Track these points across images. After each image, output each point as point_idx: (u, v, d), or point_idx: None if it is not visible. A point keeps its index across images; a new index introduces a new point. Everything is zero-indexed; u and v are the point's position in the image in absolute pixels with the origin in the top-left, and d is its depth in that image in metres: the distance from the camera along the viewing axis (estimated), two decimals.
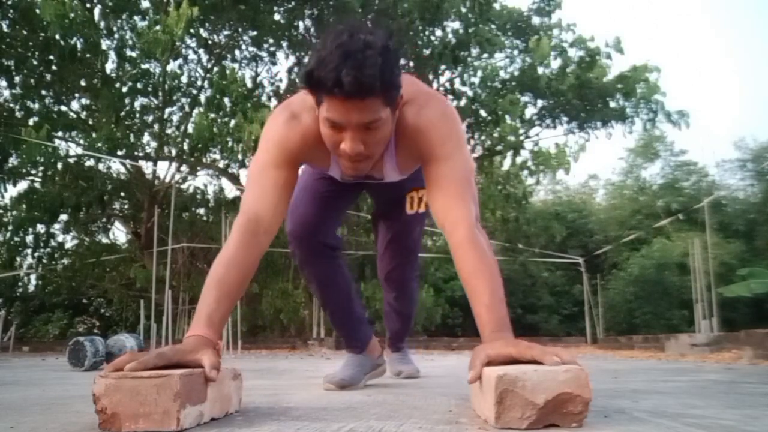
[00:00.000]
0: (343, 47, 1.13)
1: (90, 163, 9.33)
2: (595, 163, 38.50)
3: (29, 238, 10.10)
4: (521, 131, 10.60)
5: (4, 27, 8.61)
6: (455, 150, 1.35)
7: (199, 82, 9.98)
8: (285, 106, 1.42)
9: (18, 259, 10.30)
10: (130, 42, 9.08)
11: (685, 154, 16.11)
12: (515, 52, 11.27)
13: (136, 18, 9.00)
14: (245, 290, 1.30)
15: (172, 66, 9.39)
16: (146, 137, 10.17)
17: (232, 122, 8.00)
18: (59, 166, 8.73)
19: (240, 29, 9.94)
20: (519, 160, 10.12)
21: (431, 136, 1.34)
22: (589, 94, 10.50)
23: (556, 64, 10.72)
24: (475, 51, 10.45)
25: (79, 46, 8.29)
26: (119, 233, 12.03)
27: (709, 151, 31.82)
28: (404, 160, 1.46)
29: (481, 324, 1.13)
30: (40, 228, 10.08)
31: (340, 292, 1.91)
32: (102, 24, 8.74)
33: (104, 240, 11.57)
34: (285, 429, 0.93)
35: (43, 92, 9.55)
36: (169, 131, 10.02)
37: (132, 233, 10.94)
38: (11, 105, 9.43)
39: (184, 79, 9.92)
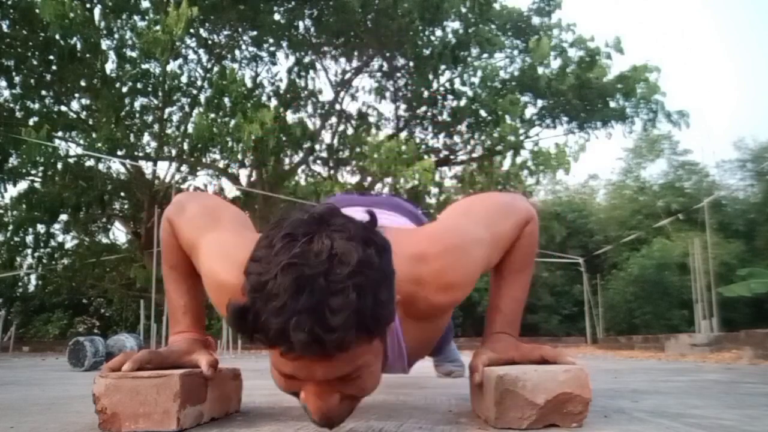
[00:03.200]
0: (293, 272, 0.70)
1: (90, 163, 9.33)
2: (595, 163, 38.49)
3: (29, 238, 10.11)
4: (521, 131, 10.60)
5: (4, 27, 8.61)
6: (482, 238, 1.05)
7: (199, 82, 9.99)
8: (232, 254, 0.94)
9: (18, 259, 10.31)
10: (130, 42, 9.08)
11: (688, 154, 16.12)
12: (515, 52, 11.28)
13: (136, 18, 9.00)
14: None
15: (172, 66, 9.41)
16: (146, 137, 10.18)
17: (232, 122, 8.00)
18: (59, 166, 8.73)
19: (240, 29, 9.94)
20: (519, 160, 10.12)
21: (456, 284, 1.01)
22: (589, 94, 10.51)
23: (556, 64, 10.73)
24: (475, 51, 10.45)
25: (78, 46, 8.30)
26: (119, 233, 12.04)
27: (709, 151, 31.77)
28: (419, 343, 1.10)
29: (488, 319, 1.12)
30: (40, 228, 10.08)
31: None
32: (102, 24, 8.74)
33: (104, 240, 11.57)
34: (285, 429, 0.93)
35: (43, 92, 9.56)
36: (169, 131, 10.03)
37: (132, 233, 10.94)
38: (11, 105, 9.44)
39: (184, 79, 9.93)
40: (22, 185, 9.65)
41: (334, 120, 11.35)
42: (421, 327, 1.05)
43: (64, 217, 10.02)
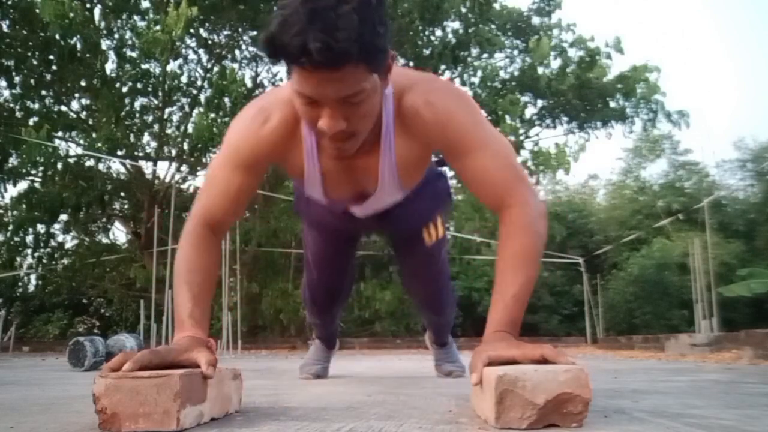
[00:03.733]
0: (310, 3, 0.91)
1: (90, 163, 9.34)
2: (595, 163, 38.50)
3: (29, 238, 10.11)
4: (521, 131, 10.61)
5: (4, 27, 8.62)
6: (489, 134, 1.18)
7: (199, 82, 9.99)
8: (255, 102, 1.26)
9: (18, 259, 10.31)
10: (130, 42, 9.08)
11: (688, 154, 16.13)
12: (515, 52, 11.29)
13: (136, 18, 9.00)
14: (215, 286, 1.26)
15: (172, 66, 9.41)
16: (146, 137, 10.19)
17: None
18: (59, 166, 8.74)
19: (240, 29, 9.94)
20: (519, 160, 10.12)
21: (454, 124, 1.14)
22: (589, 94, 10.52)
23: (556, 64, 10.75)
24: (475, 51, 10.46)
25: (78, 46, 8.30)
26: (119, 233, 12.04)
27: (709, 151, 31.79)
28: (408, 159, 1.25)
29: (489, 317, 1.12)
30: (40, 228, 10.08)
31: (335, 324, 2.20)
32: (102, 24, 8.75)
33: (104, 240, 11.58)
34: (285, 429, 0.93)
35: (43, 92, 9.56)
36: (169, 131, 10.03)
37: (132, 233, 10.94)
38: (11, 105, 9.44)
39: (184, 79, 9.94)
40: (22, 185, 9.67)
41: None
42: (409, 143, 1.20)
43: (64, 217, 10.02)
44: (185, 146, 9.20)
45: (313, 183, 1.31)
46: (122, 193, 10.79)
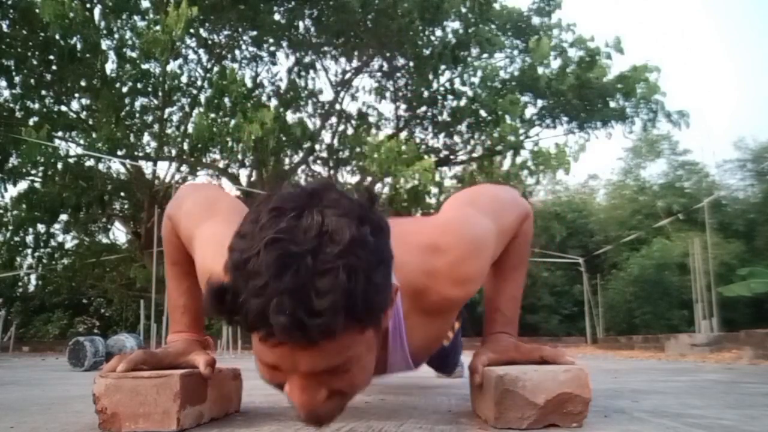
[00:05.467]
0: (278, 249, 0.63)
1: (90, 163, 9.34)
2: (595, 163, 38.49)
3: (29, 238, 10.11)
4: (521, 131, 10.60)
5: (4, 27, 8.61)
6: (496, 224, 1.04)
7: (199, 82, 9.99)
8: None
9: (18, 259, 10.30)
10: (130, 42, 9.08)
11: (688, 154, 16.12)
12: (515, 52, 11.28)
13: (136, 18, 9.00)
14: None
15: (172, 66, 9.41)
16: (146, 137, 10.18)
17: (232, 122, 8.00)
18: (59, 166, 8.74)
19: (240, 29, 9.94)
20: (519, 160, 10.12)
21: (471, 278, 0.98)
22: (589, 94, 10.51)
23: (556, 64, 10.74)
24: (475, 51, 10.45)
25: (78, 46, 8.30)
26: (119, 233, 12.04)
27: (709, 151, 31.77)
28: (424, 343, 1.03)
29: (487, 319, 1.12)
30: (40, 228, 10.08)
31: None
32: (102, 24, 8.74)
33: (104, 240, 11.57)
34: (285, 429, 0.93)
35: (43, 92, 9.56)
36: (169, 131, 10.03)
37: (132, 233, 10.94)
38: (11, 105, 9.44)
39: (184, 79, 9.94)
40: (22, 185, 9.67)
41: (334, 120, 11.35)
42: (428, 323, 0.99)
43: (64, 217, 10.02)
44: (185, 146, 9.19)
45: None
46: (122, 193, 10.79)
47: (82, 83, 9.28)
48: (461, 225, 1.01)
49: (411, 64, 10.40)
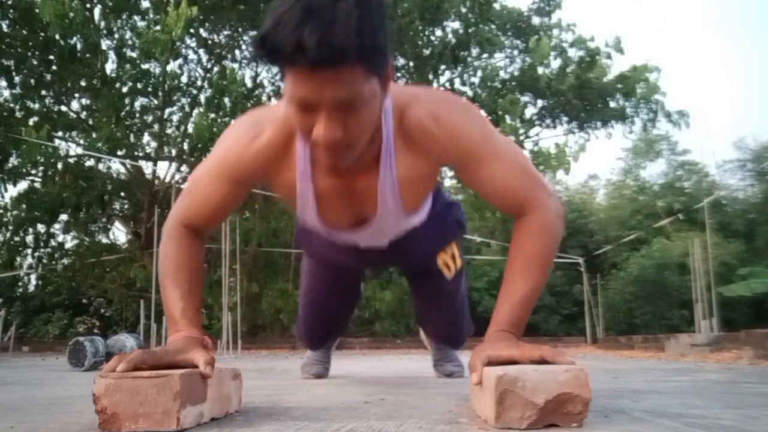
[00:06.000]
0: (306, 2, 0.85)
1: (90, 163, 9.34)
2: (595, 163, 38.52)
3: (29, 238, 10.11)
4: (521, 131, 10.60)
5: (4, 27, 8.61)
6: (501, 143, 1.15)
7: (199, 82, 9.99)
8: (249, 115, 1.22)
9: (18, 259, 10.30)
10: (130, 42, 9.08)
11: (687, 154, 16.14)
12: (515, 52, 11.29)
13: (136, 18, 9.01)
14: (202, 284, 1.23)
15: (172, 66, 9.41)
16: (146, 137, 10.19)
17: (232, 122, 8.01)
18: (59, 166, 8.75)
19: (240, 29, 9.94)
20: None
21: (464, 136, 1.10)
22: (589, 94, 10.51)
23: (556, 64, 10.74)
24: (475, 51, 10.46)
25: (78, 46, 8.30)
26: (119, 233, 12.04)
27: (709, 151, 31.83)
28: (411, 177, 1.17)
29: (494, 316, 1.12)
30: (40, 228, 10.08)
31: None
32: (102, 24, 8.75)
33: (104, 240, 11.58)
34: (285, 429, 0.93)
35: (43, 92, 9.56)
36: (169, 131, 10.04)
37: (132, 233, 10.94)
38: (11, 105, 9.44)
39: (184, 79, 9.94)
40: (22, 185, 9.67)
41: None
42: (412, 159, 1.13)
43: (64, 217, 10.02)
44: (185, 146, 9.20)
45: (307, 206, 1.24)
46: (122, 193, 10.79)
47: (82, 83, 9.28)
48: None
49: (411, 64, 10.41)
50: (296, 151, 1.15)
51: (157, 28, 7.33)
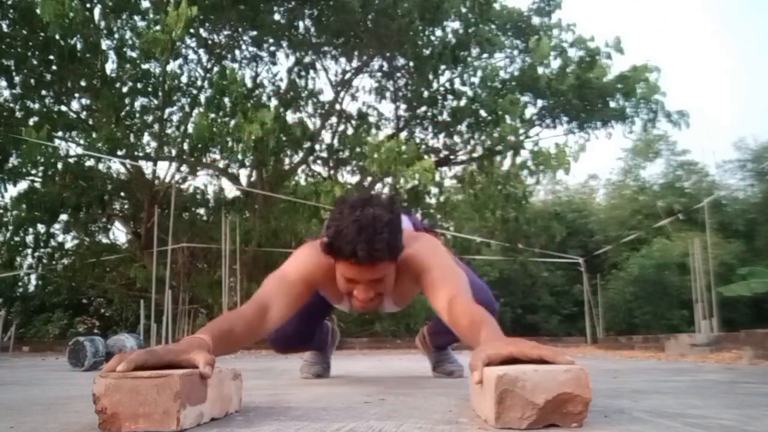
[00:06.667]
0: (357, 223, 1.40)
1: (90, 163, 9.32)
2: (595, 163, 38.48)
3: (29, 238, 10.09)
4: (521, 131, 10.59)
5: (4, 27, 8.61)
6: (445, 263, 1.56)
7: (199, 82, 9.98)
8: (315, 245, 1.63)
9: (18, 259, 10.29)
10: (130, 42, 9.07)
11: (687, 154, 16.13)
12: (515, 52, 11.27)
13: (136, 18, 9.00)
14: (236, 347, 1.41)
15: (172, 66, 9.39)
16: (146, 137, 10.17)
17: (232, 122, 8.00)
18: (59, 166, 8.73)
19: (240, 29, 9.93)
20: (519, 160, 10.11)
21: (423, 259, 1.56)
22: (589, 94, 10.50)
23: (556, 64, 10.73)
24: (475, 51, 10.44)
25: (78, 46, 8.29)
26: (119, 233, 12.02)
27: (709, 151, 31.79)
28: (400, 292, 1.73)
29: (480, 336, 1.17)
30: (40, 228, 10.07)
31: (315, 341, 2.35)
32: (102, 24, 8.74)
33: (104, 240, 11.56)
34: (285, 429, 0.93)
35: (43, 92, 9.55)
36: (169, 131, 10.02)
37: (132, 233, 10.93)
38: (11, 105, 9.43)
39: (184, 79, 9.92)
40: (22, 185, 9.65)
41: (334, 120, 11.34)
42: (402, 285, 1.66)
43: (64, 217, 10.00)
44: (185, 146, 9.18)
45: (342, 305, 1.90)
46: (122, 193, 10.77)
47: (82, 83, 9.27)
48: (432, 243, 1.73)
49: (411, 64, 10.40)
50: None
51: (157, 28, 7.32)
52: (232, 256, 7.56)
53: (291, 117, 10.18)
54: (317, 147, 10.88)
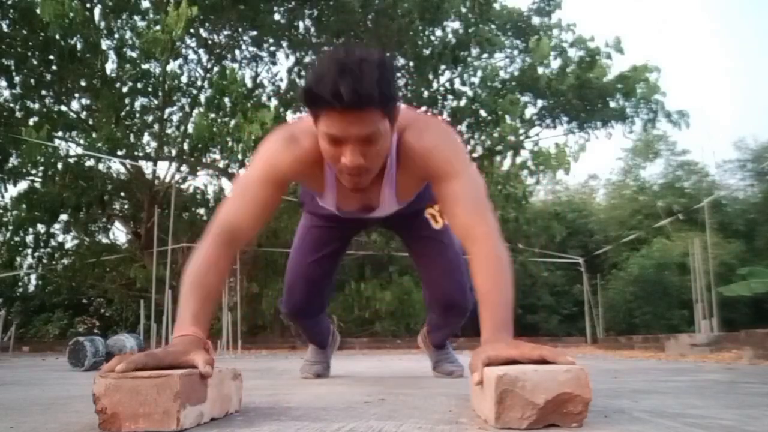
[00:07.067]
0: (340, 62, 1.15)
1: (90, 163, 9.33)
2: (595, 163, 38.51)
3: (29, 238, 10.10)
4: (521, 131, 10.60)
5: (4, 27, 8.61)
6: (465, 167, 1.35)
7: (199, 82, 9.98)
8: (286, 128, 1.43)
9: (18, 259, 10.29)
10: (130, 42, 9.07)
11: (687, 154, 16.14)
12: (515, 52, 11.28)
13: (136, 18, 9.00)
14: (220, 296, 1.32)
15: (172, 66, 9.39)
16: (146, 137, 10.17)
17: (232, 122, 8.00)
18: (59, 166, 8.73)
19: (240, 29, 9.93)
20: (519, 160, 10.12)
21: (439, 155, 1.33)
22: (589, 94, 10.50)
23: (556, 64, 10.73)
24: (475, 51, 10.45)
25: (78, 46, 8.29)
26: (119, 233, 12.03)
27: (709, 151, 31.82)
28: (405, 185, 1.49)
29: (483, 324, 1.15)
30: (40, 228, 10.07)
31: (319, 328, 2.32)
32: (102, 24, 8.74)
33: (104, 240, 11.57)
34: (285, 429, 0.93)
35: (43, 92, 9.55)
36: (169, 131, 10.02)
37: (132, 233, 10.93)
38: (11, 105, 9.43)
39: (184, 79, 9.92)
40: (22, 185, 9.65)
41: None
42: (407, 174, 1.44)
43: (64, 217, 10.01)
44: (185, 146, 9.19)
45: (328, 199, 1.56)
46: (122, 193, 10.78)
47: (82, 83, 9.27)
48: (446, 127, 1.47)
49: (411, 64, 10.40)
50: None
51: (157, 28, 7.32)
52: None
53: (291, 117, 10.19)
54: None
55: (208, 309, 1.20)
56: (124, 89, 9.20)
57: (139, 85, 9.21)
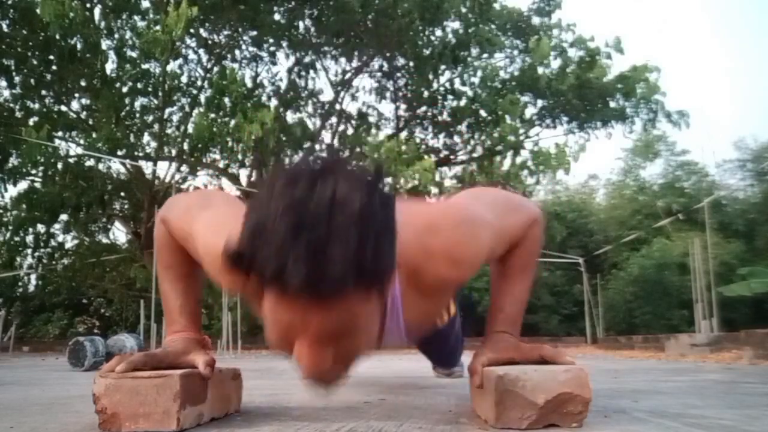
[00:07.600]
0: (294, 213, 0.67)
1: (90, 163, 9.33)
2: (595, 163, 38.47)
3: (29, 238, 10.10)
4: (521, 131, 10.59)
5: (4, 27, 8.61)
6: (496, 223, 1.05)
7: (199, 82, 9.98)
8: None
9: (18, 259, 10.29)
10: (130, 42, 9.07)
11: (687, 154, 16.12)
12: (515, 52, 11.28)
13: (136, 18, 9.00)
14: (203, 276, 1.14)
15: (172, 66, 9.40)
16: (146, 137, 10.18)
17: (232, 122, 8.00)
18: (59, 166, 8.73)
19: (240, 29, 9.94)
20: (519, 160, 10.12)
21: (463, 264, 1.00)
22: (589, 94, 10.50)
23: (556, 64, 10.73)
24: (475, 51, 10.45)
25: (78, 46, 8.29)
26: (119, 233, 12.03)
27: (709, 151, 31.76)
28: (417, 321, 1.06)
29: (489, 318, 1.13)
30: (40, 228, 10.07)
31: None
32: (102, 24, 8.74)
33: (104, 240, 11.56)
34: (285, 429, 0.93)
35: (43, 92, 9.55)
36: (169, 131, 10.02)
37: (132, 233, 10.93)
38: (11, 105, 9.43)
39: (184, 79, 9.93)
40: (22, 185, 9.66)
41: (334, 120, 11.35)
42: (422, 301, 1.01)
43: (64, 217, 10.01)
44: (185, 146, 9.19)
45: None
46: (122, 193, 10.78)
47: (82, 83, 9.27)
48: (460, 210, 1.05)
49: (411, 64, 10.40)
50: None
51: (157, 28, 7.33)
52: None
53: (291, 117, 10.20)
54: (317, 147, 10.89)
55: (194, 298, 1.14)
56: (124, 89, 9.20)
57: (139, 85, 9.21)
